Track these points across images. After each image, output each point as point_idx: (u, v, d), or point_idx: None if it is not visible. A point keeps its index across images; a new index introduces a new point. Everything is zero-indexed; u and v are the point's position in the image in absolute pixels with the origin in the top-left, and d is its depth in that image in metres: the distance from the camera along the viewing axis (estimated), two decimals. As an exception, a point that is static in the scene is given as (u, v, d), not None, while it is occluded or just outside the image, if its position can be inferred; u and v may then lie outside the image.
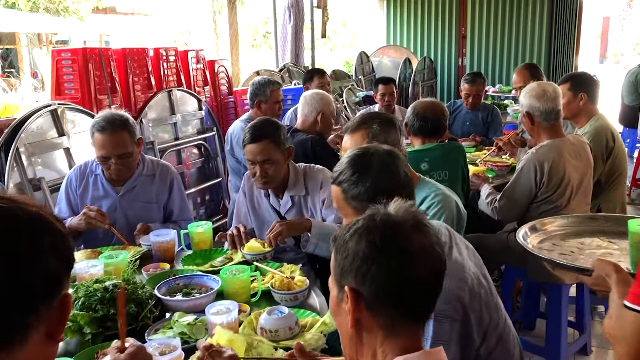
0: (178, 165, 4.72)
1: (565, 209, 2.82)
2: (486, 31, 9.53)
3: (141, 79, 4.40)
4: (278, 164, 2.38)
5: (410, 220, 1.11)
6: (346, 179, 1.53)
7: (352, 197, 1.51)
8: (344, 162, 1.57)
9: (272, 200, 2.55)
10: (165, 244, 2.21)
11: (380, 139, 2.01)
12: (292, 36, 7.49)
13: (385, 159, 1.54)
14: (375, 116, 2.15)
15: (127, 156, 2.46)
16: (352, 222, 1.13)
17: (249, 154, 2.38)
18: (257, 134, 2.35)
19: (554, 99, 2.80)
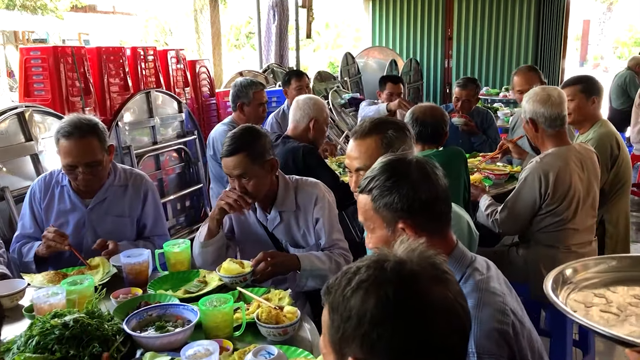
0: (156, 171, 4.48)
1: (570, 222, 2.64)
2: (473, 33, 9.40)
3: (117, 80, 4.15)
4: (257, 178, 2.17)
5: (428, 269, 0.90)
6: (379, 185, 1.32)
7: (385, 205, 1.31)
8: (376, 168, 1.36)
9: (259, 214, 2.33)
10: (138, 266, 1.97)
11: (396, 146, 1.81)
12: (276, 36, 7.27)
13: (425, 166, 1.35)
14: (388, 121, 1.92)
15: (96, 165, 2.22)
16: (351, 270, 0.90)
17: (225, 167, 2.19)
18: (232, 147, 2.14)
19: (559, 104, 2.62)
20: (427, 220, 1.30)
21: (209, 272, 2.04)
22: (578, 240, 2.67)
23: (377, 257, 0.91)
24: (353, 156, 1.86)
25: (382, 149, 1.80)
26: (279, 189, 2.28)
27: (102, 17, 20.83)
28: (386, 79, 4.75)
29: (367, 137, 1.84)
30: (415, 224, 1.29)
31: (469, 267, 1.33)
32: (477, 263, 1.35)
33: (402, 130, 1.86)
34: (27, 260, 2.22)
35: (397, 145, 1.81)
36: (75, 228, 2.32)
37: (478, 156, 3.93)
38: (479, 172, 3.45)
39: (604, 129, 3.08)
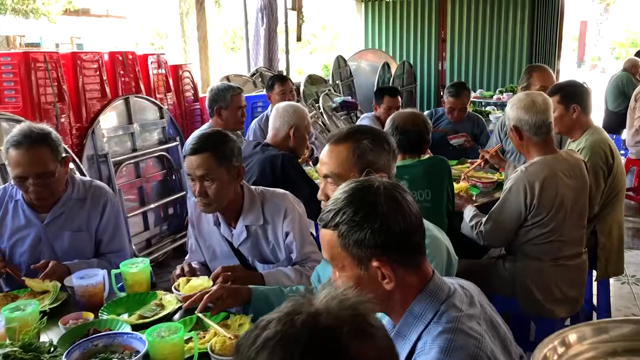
0: (137, 179, 4.35)
1: (558, 233, 2.51)
2: (466, 35, 9.28)
3: (94, 85, 4.02)
4: (220, 182, 2.01)
5: (349, 321, 0.77)
6: (346, 220, 1.15)
7: (356, 243, 1.14)
8: (341, 200, 1.18)
9: (224, 229, 2.17)
10: (92, 288, 1.84)
11: (368, 158, 1.65)
12: (265, 39, 7.15)
13: (394, 193, 1.18)
14: (367, 130, 1.74)
15: (47, 176, 2.07)
16: (261, 324, 0.77)
17: (188, 167, 2.03)
18: (197, 145, 2.00)
19: (544, 111, 2.49)
20: (403, 254, 1.17)
21: (166, 293, 1.91)
22: (567, 253, 2.53)
23: (289, 309, 0.78)
24: (323, 161, 1.71)
25: (352, 158, 1.65)
26: (244, 201, 2.13)
27: (95, 20, 20.70)
28: (383, 92, 4.43)
29: (341, 144, 1.68)
30: (390, 259, 1.15)
31: (445, 302, 1.18)
32: (455, 298, 1.20)
33: (380, 142, 1.69)
34: None
35: (370, 157, 1.66)
36: (31, 245, 2.18)
37: (466, 162, 3.79)
38: (465, 180, 3.31)
39: (596, 136, 2.94)
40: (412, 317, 1.18)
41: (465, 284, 1.30)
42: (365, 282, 1.16)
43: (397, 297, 1.18)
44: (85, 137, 3.89)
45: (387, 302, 1.19)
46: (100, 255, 2.28)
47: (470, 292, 1.27)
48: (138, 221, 4.33)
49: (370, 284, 1.16)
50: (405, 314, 1.19)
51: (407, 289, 1.19)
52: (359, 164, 1.64)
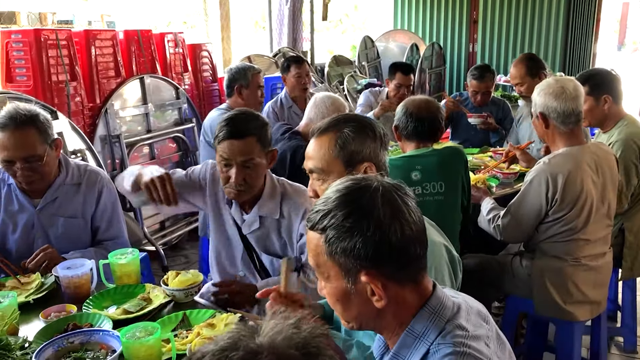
0: (150, 160, 4.28)
1: (581, 231, 2.34)
2: (499, 16, 8.93)
3: (108, 65, 3.94)
4: (260, 169, 1.92)
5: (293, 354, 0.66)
6: (335, 224, 1.00)
7: (343, 251, 1.00)
8: (331, 200, 1.04)
9: (234, 210, 2.03)
10: (77, 279, 1.76)
11: (351, 148, 1.52)
12: (289, 19, 6.98)
13: (394, 196, 1.03)
14: (349, 118, 1.60)
15: (35, 159, 2.00)
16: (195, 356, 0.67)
17: (226, 152, 1.86)
18: (241, 128, 1.86)
19: (574, 99, 2.30)
20: (398, 268, 1.01)
21: (155, 287, 1.82)
22: (589, 252, 2.36)
23: (227, 342, 0.67)
24: (308, 155, 1.59)
25: (335, 149, 1.52)
26: (264, 189, 2.01)
27: (127, -2, 20.75)
28: (396, 68, 4.25)
29: (323, 135, 1.56)
30: (383, 274, 1.00)
31: (450, 321, 1.03)
32: (460, 316, 1.05)
33: (363, 129, 1.55)
34: None
35: (353, 146, 1.52)
36: (23, 230, 2.12)
37: (488, 151, 3.61)
38: (486, 169, 3.14)
39: (630, 128, 2.72)
40: (412, 338, 1.03)
41: (468, 299, 1.15)
42: (352, 297, 1.03)
43: (389, 315, 1.04)
44: (98, 117, 3.82)
45: (376, 320, 1.05)
46: (97, 243, 2.20)
47: (476, 307, 1.12)
48: (152, 203, 4.27)
49: (358, 300, 1.03)
50: (404, 333, 1.04)
51: (403, 307, 1.04)
52: (342, 154, 1.52)
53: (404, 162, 2.36)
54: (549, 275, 2.38)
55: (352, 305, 1.04)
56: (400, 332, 1.05)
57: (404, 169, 2.33)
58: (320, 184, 1.56)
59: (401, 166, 2.34)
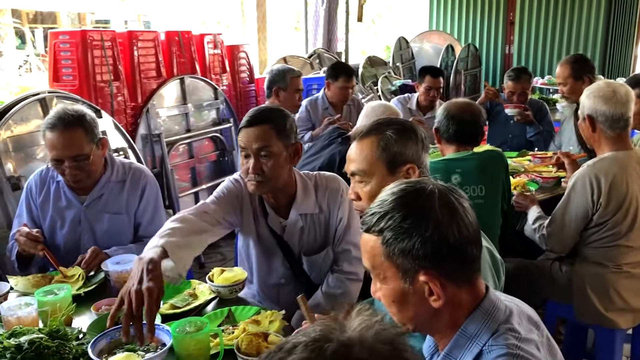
0: (189, 159, 4.37)
1: (624, 237, 2.30)
2: (536, 17, 8.81)
3: (150, 65, 4.03)
4: (278, 159, 1.86)
5: (385, 355, 0.68)
6: (393, 226, 1.02)
7: (402, 252, 1.02)
8: (387, 202, 1.06)
9: (272, 219, 1.98)
10: (126, 275, 1.80)
11: (394, 149, 1.54)
12: (324, 19, 7.02)
13: (450, 199, 1.05)
14: (391, 122, 1.62)
15: (82, 158, 2.06)
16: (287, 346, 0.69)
17: (243, 140, 1.87)
18: (257, 116, 1.87)
19: (625, 103, 2.27)
20: (455, 268, 1.04)
21: (200, 282, 1.86)
22: (632, 259, 2.33)
23: (319, 334, 0.69)
24: (350, 158, 1.61)
25: (377, 150, 1.54)
26: (297, 188, 1.98)
27: (163, -2, 21.07)
28: (425, 71, 4.35)
29: (365, 138, 1.58)
30: (442, 274, 1.02)
31: (503, 324, 1.05)
32: (513, 319, 1.06)
33: (407, 132, 1.57)
34: (13, 259, 2.11)
35: (396, 148, 1.54)
36: (71, 226, 2.19)
37: (527, 155, 3.58)
38: (525, 174, 3.11)
39: None
40: (465, 338, 1.05)
41: (520, 303, 1.16)
42: (409, 298, 1.05)
43: (445, 316, 1.06)
44: (139, 117, 3.92)
45: (432, 321, 1.07)
46: (139, 239, 2.26)
47: (527, 312, 1.13)
48: (189, 201, 4.35)
49: (415, 300, 1.05)
50: (457, 334, 1.06)
51: (458, 308, 1.05)
52: (383, 156, 1.54)
53: (444, 165, 2.36)
54: (590, 282, 2.35)
55: (409, 305, 1.06)
56: (452, 333, 1.06)
57: (444, 172, 2.33)
58: (363, 186, 1.58)
59: (441, 169, 2.34)
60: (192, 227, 1.75)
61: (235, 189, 1.99)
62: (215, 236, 1.86)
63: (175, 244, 1.62)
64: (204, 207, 1.89)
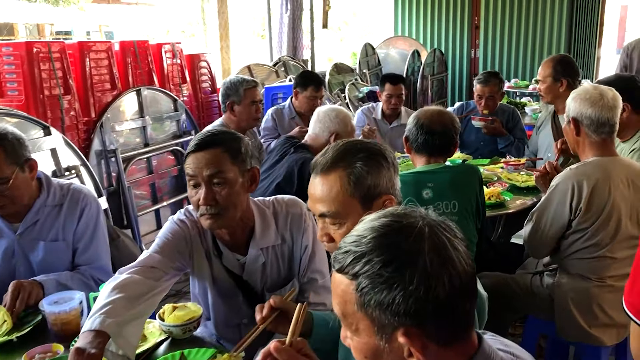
0: (148, 175, 4.15)
1: (607, 248, 2.19)
2: (501, 21, 8.82)
3: (103, 77, 3.81)
4: (234, 186, 1.64)
5: None
6: (371, 272, 0.84)
7: (379, 305, 0.84)
8: (366, 239, 0.87)
9: (227, 258, 1.76)
10: (64, 316, 1.61)
11: (367, 182, 1.32)
12: (288, 27, 6.86)
13: (442, 241, 0.86)
14: (356, 148, 1.37)
15: (2, 182, 1.84)
16: None
17: (191, 166, 1.63)
18: (206, 139, 1.64)
19: (611, 108, 2.16)
20: (443, 327, 0.86)
21: (150, 321, 1.67)
22: (615, 272, 2.21)
23: None
24: (315, 196, 1.36)
25: (349, 187, 1.32)
26: (255, 219, 1.76)
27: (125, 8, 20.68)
28: (385, 79, 4.26)
29: (331, 172, 1.34)
30: (425, 334, 0.85)
31: None
32: None
33: (377, 159, 1.36)
34: None
35: (370, 180, 1.33)
36: (4, 258, 1.96)
37: (500, 163, 3.47)
38: (499, 182, 2.99)
39: None
40: None
41: (517, 350, 0.99)
42: (385, 357, 0.87)
43: None
44: (93, 132, 3.69)
45: None
46: (75, 267, 2.03)
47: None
48: (150, 219, 4.13)
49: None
50: None
51: None
52: (357, 192, 1.32)
53: (415, 178, 2.22)
54: (572, 296, 2.23)
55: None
56: None
57: (414, 185, 2.18)
58: (337, 228, 1.35)
59: (411, 182, 2.19)
60: (138, 293, 1.52)
61: (181, 230, 1.75)
62: (165, 291, 1.64)
63: (118, 323, 1.40)
64: (149, 260, 1.65)
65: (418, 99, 8.28)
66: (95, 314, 1.40)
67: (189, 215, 1.77)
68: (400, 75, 4.49)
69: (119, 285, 1.51)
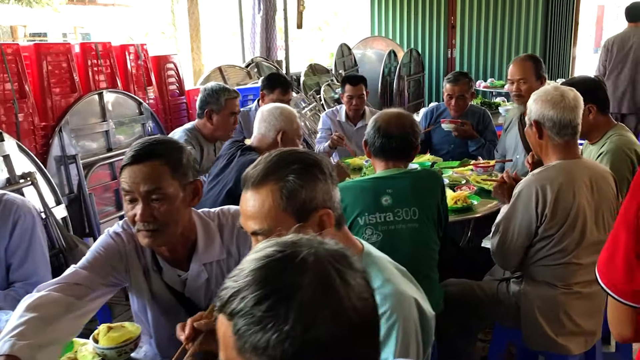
0: (112, 181, 4.02)
1: (573, 254, 2.12)
2: (477, 20, 8.80)
3: (62, 80, 3.68)
4: (174, 202, 1.53)
5: None
6: (245, 312, 0.72)
7: (253, 349, 0.70)
8: (244, 272, 0.75)
9: (167, 274, 1.65)
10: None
11: (302, 197, 1.22)
12: (261, 27, 6.75)
13: (328, 274, 0.74)
14: (289, 159, 1.26)
15: None
16: None
17: (126, 180, 1.51)
18: (143, 151, 1.52)
19: (573, 109, 2.10)
20: None
21: (85, 342, 1.56)
22: (582, 278, 2.15)
23: None
24: (247, 213, 1.25)
25: (281, 203, 1.22)
26: (197, 233, 1.65)
27: (101, 9, 20.41)
28: (345, 80, 4.20)
29: (262, 186, 1.23)
30: None
31: None
32: None
33: (311, 171, 1.24)
34: None
35: (304, 194, 1.22)
36: None
37: (469, 164, 3.40)
38: (467, 185, 2.92)
39: (620, 138, 2.51)
40: None
41: None
42: None
43: None
44: (51, 137, 3.56)
45: None
46: (11, 284, 1.90)
47: None
48: (114, 226, 4.00)
49: None
50: None
51: None
52: (290, 207, 1.22)
53: (373, 184, 2.13)
54: (539, 304, 2.16)
55: None
56: None
57: (373, 192, 2.10)
58: None
59: (370, 189, 2.11)
60: (54, 313, 1.39)
61: (116, 244, 1.63)
62: (93, 311, 1.53)
63: (31, 347, 1.27)
64: (73, 276, 1.53)
65: (395, 100, 8.23)
66: (5, 337, 1.28)
67: (127, 227, 1.66)
68: (360, 75, 4.44)
69: (33, 305, 1.39)
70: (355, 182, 2.22)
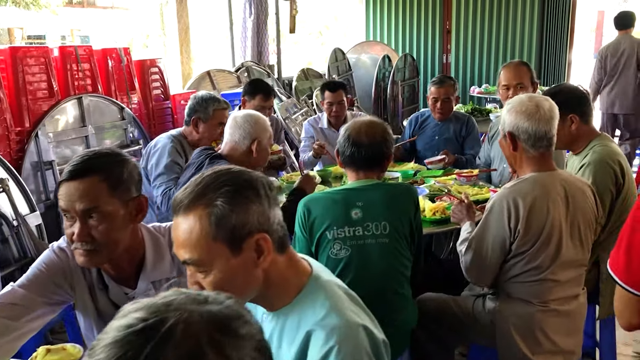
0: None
1: (549, 271, 2.03)
2: (472, 25, 8.73)
3: (40, 84, 3.60)
4: (113, 221, 1.45)
5: None
6: None
7: None
8: (99, 347, 0.64)
9: (114, 292, 1.57)
10: None
11: (232, 222, 1.11)
12: (252, 31, 6.68)
13: (194, 348, 0.64)
14: (221, 181, 1.14)
15: None
16: None
17: (63, 198, 1.43)
18: (81, 166, 1.44)
19: (548, 120, 2.02)
20: None
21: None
22: (559, 295, 2.06)
23: None
24: (178, 240, 1.14)
25: (211, 230, 1.11)
26: (145, 248, 1.58)
27: (100, 12, 20.39)
28: (324, 87, 4.15)
29: (190, 212, 1.12)
30: None
31: None
32: None
33: (243, 193, 1.13)
34: None
35: (235, 219, 1.11)
36: None
37: (452, 174, 3.31)
38: (448, 196, 2.84)
39: (603, 149, 2.42)
40: None
41: None
42: None
43: None
44: (27, 143, 3.48)
45: None
46: None
47: None
48: (93, 234, 3.92)
49: None
50: None
51: None
52: (221, 235, 1.11)
53: (343, 196, 2.05)
54: (514, 322, 2.08)
55: None
56: None
57: (343, 205, 2.01)
58: (204, 277, 1.14)
59: (340, 201, 2.02)
60: None
61: (60, 261, 1.55)
62: (31, 332, 1.45)
63: None
64: (9, 296, 1.44)
65: (388, 105, 8.15)
66: None
67: (69, 245, 1.57)
68: (339, 81, 4.38)
69: None
70: (325, 193, 2.14)
